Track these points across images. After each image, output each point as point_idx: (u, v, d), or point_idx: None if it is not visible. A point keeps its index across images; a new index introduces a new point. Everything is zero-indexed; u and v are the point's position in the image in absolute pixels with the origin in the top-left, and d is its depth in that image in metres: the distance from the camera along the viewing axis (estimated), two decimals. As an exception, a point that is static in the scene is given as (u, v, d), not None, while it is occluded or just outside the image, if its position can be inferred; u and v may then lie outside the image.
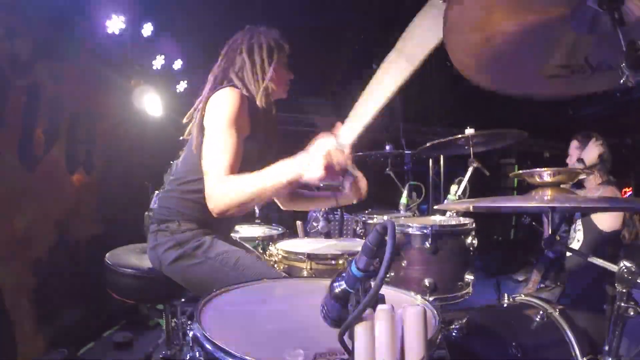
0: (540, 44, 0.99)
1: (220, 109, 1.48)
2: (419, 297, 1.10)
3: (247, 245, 2.00)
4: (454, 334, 1.33)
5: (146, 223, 1.77)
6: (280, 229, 2.71)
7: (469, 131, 2.24)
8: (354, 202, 2.03)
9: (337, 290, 0.67)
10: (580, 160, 2.87)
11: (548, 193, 1.23)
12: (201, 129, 1.54)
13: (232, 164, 1.40)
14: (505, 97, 1.13)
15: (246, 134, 1.55)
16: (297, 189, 2.08)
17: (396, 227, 0.71)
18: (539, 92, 1.13)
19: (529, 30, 0.96)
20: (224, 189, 1.34)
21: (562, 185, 1.26)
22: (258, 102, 1.60)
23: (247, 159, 1.48)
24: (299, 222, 2.90)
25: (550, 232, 1.30)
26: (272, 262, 1.86)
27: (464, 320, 1.38)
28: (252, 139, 1.57)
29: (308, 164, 1.21)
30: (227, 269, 1.49)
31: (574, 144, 3.00)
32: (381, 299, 0.62)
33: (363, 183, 1.98)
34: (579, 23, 0.92)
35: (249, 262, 1.53)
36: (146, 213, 1.81)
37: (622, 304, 1.10)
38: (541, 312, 1.54)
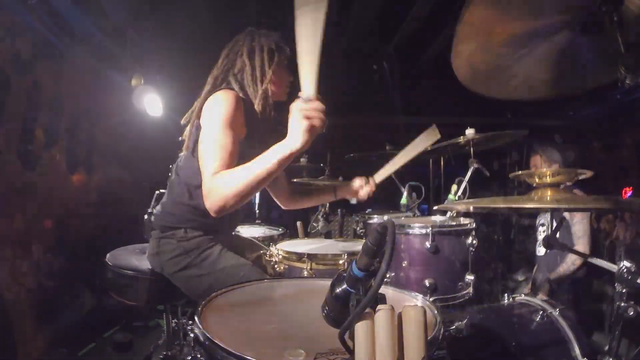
0: (540, 48, 1.00)
1: (215, 110, 1.48)
2: (420, 297, 1.10)
3: (256, 240, 2.00)
4: (454, 334, 1.33)
5: (145, 225, 1.76)
6: (280, 229, 2.71)
7: (469, 131, 2.24)
8: (352, 201, 2.03)
9: (338, 290, 0.67)
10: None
11: (548, 193, 1.23)
12: (197, 129, 1.54)
13: (226, 163, 1.38)
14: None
15: (242, 136, 1.54)
16: (295, 187, 2.08)
17: (396, 227, 0.71)
18: (538, 96, 1.13)
19: (530, 36, 0.97)
20: (217, 184, 1.32)
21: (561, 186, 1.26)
22: (256, 106, 1.59)
23: (245, 161, 1.48)
24: (299, 223, 2.90)
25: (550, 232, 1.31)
26: (272, 263, 1.86)
27: (464, 320, 1.38)
28: (249, 141, 1.56)
29: (291, 134, 1.21)
30: (232, 282, 1.50)
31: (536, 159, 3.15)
32: (382, 299, 0.62)
33: (364, 192, 1.96)
34: (578, 27, 0.93)
35: (255, 277, 1.52)
36: (145, 216, 1.79)
37: (622, 304, 1.10)
38: (541, 312, 1.55)
